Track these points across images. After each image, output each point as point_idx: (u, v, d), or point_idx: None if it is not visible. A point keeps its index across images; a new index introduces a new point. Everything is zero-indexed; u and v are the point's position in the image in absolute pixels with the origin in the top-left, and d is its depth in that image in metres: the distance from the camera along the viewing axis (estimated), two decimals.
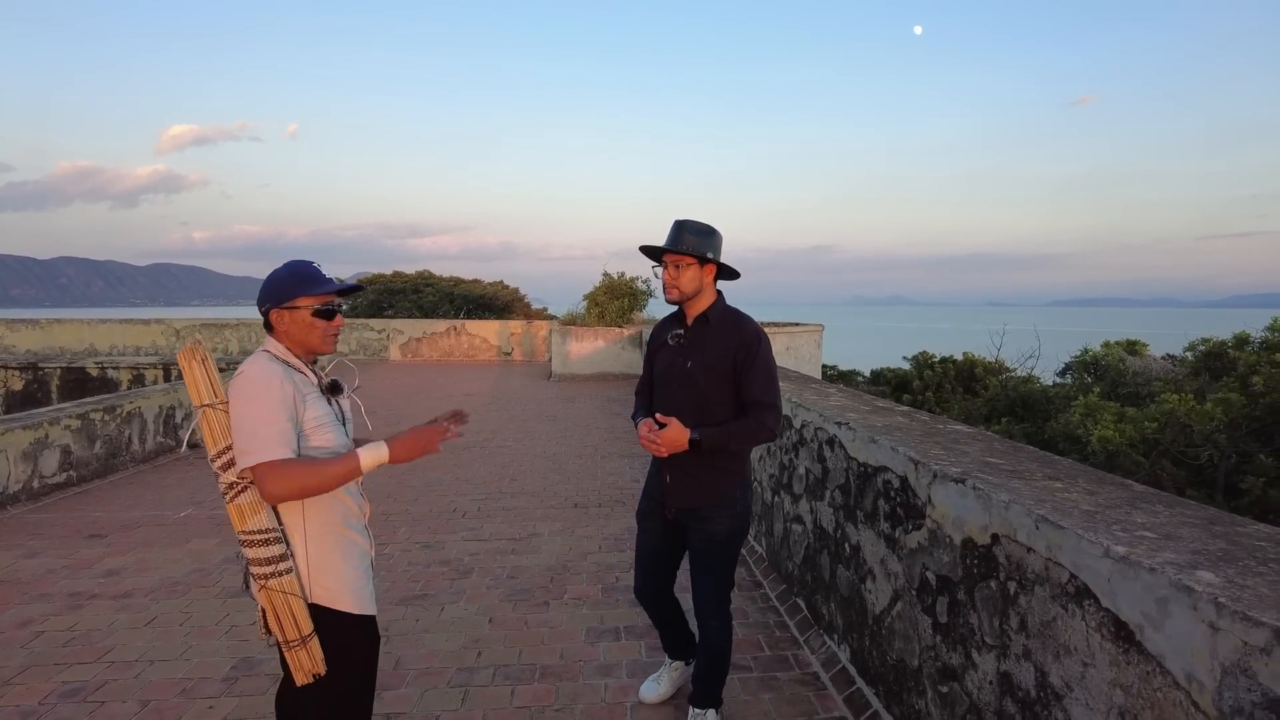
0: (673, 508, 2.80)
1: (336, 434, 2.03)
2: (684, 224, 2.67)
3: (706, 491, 2.72)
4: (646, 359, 2.97)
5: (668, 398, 2.74)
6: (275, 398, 1.89)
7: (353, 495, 2.12)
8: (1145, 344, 21.57)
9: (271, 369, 1.93)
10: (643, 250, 2.78)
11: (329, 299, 2.05)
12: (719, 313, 2.75)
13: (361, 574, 2.09)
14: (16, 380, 18.10)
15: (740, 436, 2.63)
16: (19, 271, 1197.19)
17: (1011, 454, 2.71)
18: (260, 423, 1.86)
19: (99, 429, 7.38)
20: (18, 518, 5.97)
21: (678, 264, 2.66)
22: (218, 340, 19.93)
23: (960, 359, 23.56)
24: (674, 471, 2.75)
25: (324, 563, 2.01)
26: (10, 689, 3.26)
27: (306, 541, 1.99)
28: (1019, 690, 2.04)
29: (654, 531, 2.92)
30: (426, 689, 3.25)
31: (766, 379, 2.65)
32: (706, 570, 2.79)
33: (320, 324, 2.04)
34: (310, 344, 2.05)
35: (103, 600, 4.24)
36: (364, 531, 2.16)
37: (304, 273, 2.04)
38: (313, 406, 1.98)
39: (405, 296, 25.97)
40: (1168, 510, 1.97)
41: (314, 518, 2.00)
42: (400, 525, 5.63)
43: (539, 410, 11.34)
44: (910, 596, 2.71)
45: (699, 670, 2.88)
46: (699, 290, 2.71)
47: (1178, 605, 1.49)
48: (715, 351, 2.67)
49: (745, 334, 2.68)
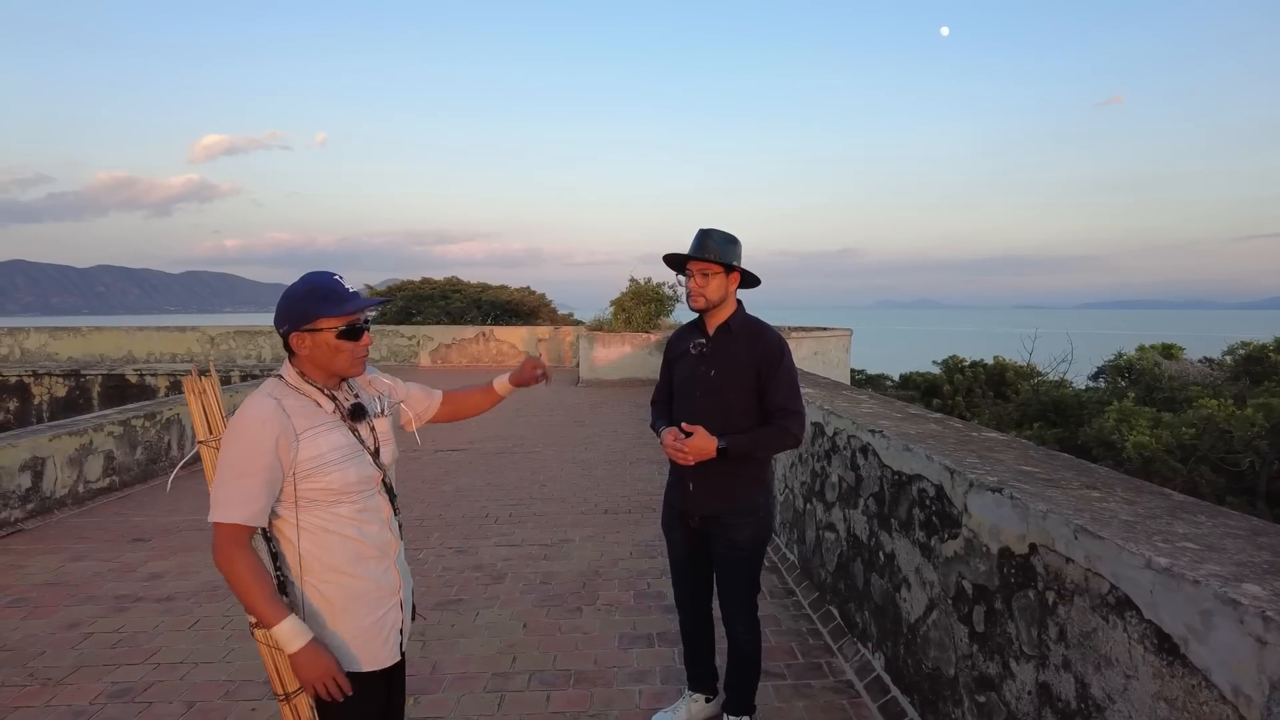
0: (696, 516, 2.80)
1: (353, 468, 1.82)
2: (709, 232, 2.70)
3: (731, 499, 2.73)
4: (664, 367, 2.99)
5: (690, 406, 2.74)
6: (251, 450, 1.71)
7: (368, 536, 1.86)
8: (1181, 347, 21.16)
9: (262, 412, 1.74)
10: (667, 260, 2.79)
11: (354, 317, 1.81)
12: (740, 322, 2.77)
13: (368, 626, 1.85)
14: (60, 387, 18.58)
15: (767, 443, 2.66)
16: (59, 280, 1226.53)
17: (1047, 462, 2.70)
18: (228, 475, 1.72)
19: (140, 435, 7.55)
20: (64, 521, 6.14)
21: (705, 272, 2.67)
22: (250, 347, 20.30)
23: (991, 363, 23.27)
24: (698, 480, 2.74)
25: (319, 612, 1.81)
26: (62, 689, 3.36)
27: (302, 588, 1.81)
28: (1059, 701, 2.03)
29: (680, 540, 2.92)
30: (463, 694, 3.29)
31: (791, 386, 2.69)
32: (733, 577, 2.80)
33: (347, 346, 1.81)
34: (335, 368, 1.83)
35: (147, 603, 4.35)
36: (383, 573, 1.90)
37: (324, 289, 1.79)
38: (316, 444, 1.78)
39: (434, 303, 26.25)
40: (1210, 520, 1.95)
41: (312, 561, 1.81)
42: (433, 530, 5.71)
43: (567, 416, 11.40)
44: (946, 605, 2.70)
45: (731, 678, 2.89)
46: (724, 299, 2.73)
47: (1223, 618, 1.48)
48: (739, 360, 2.69)
49: (769, 343, 2.71)
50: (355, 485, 1.82)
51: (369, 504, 1.87)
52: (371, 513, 1.88)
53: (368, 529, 1.86)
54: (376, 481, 1.90)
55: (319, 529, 1.81)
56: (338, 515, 1.82)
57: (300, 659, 1.73)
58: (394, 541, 1.95)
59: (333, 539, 1.81)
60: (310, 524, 1.80)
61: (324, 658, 1.75)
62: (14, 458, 5.98)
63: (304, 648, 1.73)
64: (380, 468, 1.92)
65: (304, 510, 1.80)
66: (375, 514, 1.88)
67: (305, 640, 1.73)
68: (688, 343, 2.85)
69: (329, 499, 1.80)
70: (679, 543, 2.92)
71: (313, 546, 1.80)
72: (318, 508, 1.80)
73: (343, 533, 1.82)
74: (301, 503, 1.79)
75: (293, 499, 1.79)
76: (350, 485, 1.81)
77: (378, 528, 1.89)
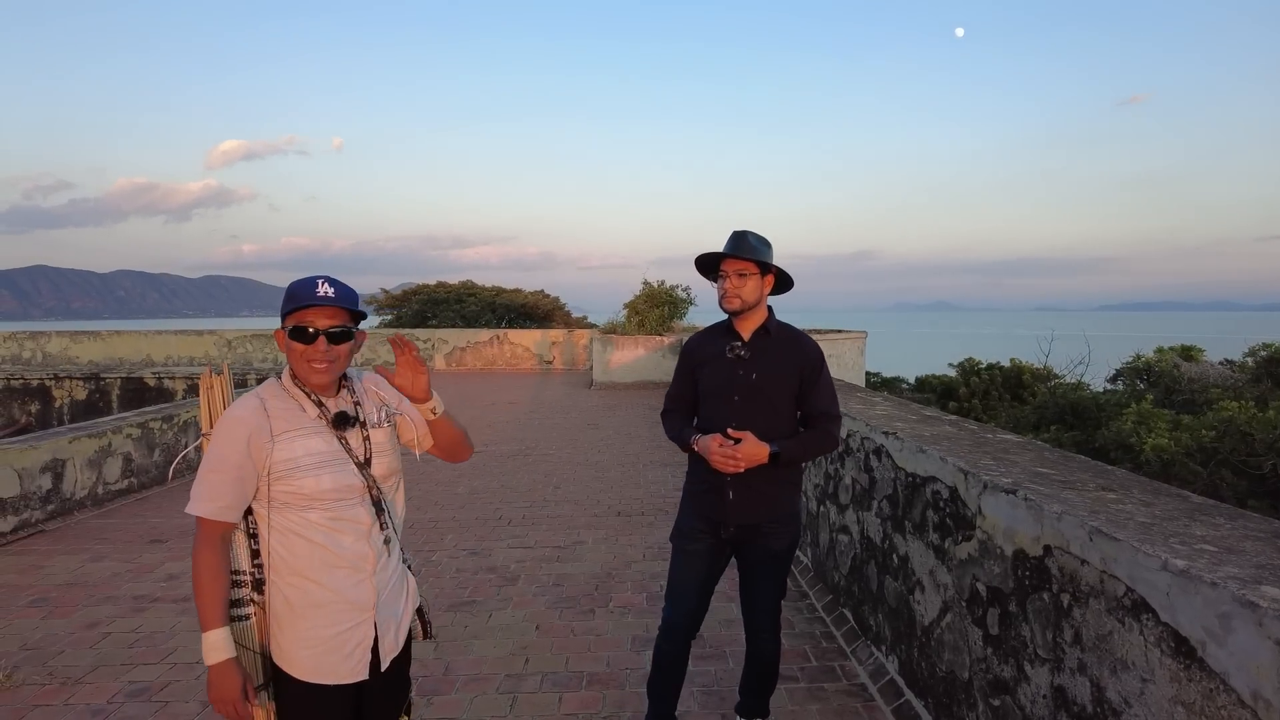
0: (732, 526, 2.64)
1: (328, 476, 1.76)
2: (745, 233, 2.62)
3: (773, 507, 2.65)
4: (685, 372, 2.80)
5: (728, 412, 2.61)
6: (225, 447, 1.72)
7: (341, 546, 1.79)
8: (1201, 349, 20.89)
9: (240, 410, 1.75)
10: (700, 261, 2.68)
11: (299, 316, 1.72)
12: (777, 326, 2.71)
13: (328, 638, 1.78)
14: (80, 390, 18.80)
15: (814, 447, 2.63)
16: (80, 285, 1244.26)
17: (1063, 464, 2.67)
18: (204, 470, 1.73)
19: (157, 437, 7.63)
20: (83, 523, 6.21)
21: (742, 272, 2.58)
22: (267, 350, 20.47)
23: (1007, 365, 23.08)
24: (740, 488, 2.59)
25: (280, 615, 1.79)
26: (81, 688, 3.40)
27: (269, 586, 1.79)
28: (1074, 705, 2.01)
29: (701, 554, 2.70)
30: (475, 695, 3.30)
31: (831, 392, 2.68)
32: (768, 586, 2.74)
33: (297, 348, 1.74)
34: (298, 371, 1.78)
35: (164, 604, 4.39)
36: (353, 586, 1.80)
37: (294, 289, 1.74)
38: (292, 447, 1.74)
39: (449, 306, 26.37)
40: (1229, 523, 1.93)
41: (279, 562, 1.78)
42: (447, 532, 5.72)
43: (581, 419, 11.41)
44: (960, 608, 2.68)
45: (749, 684, 2.87)
46: (759, 301, 2.65)
47: (1242, 622, 1.46)
48: (782, 365, 2.64)
49: (810, 349, 2.68)
50: (330, 493, 1.77)
51: (345, 514, 1.80)
52: (347, 523, 1.80)
53: (341, 539, 1.79)
54: (358, 491, 1.81)
55: (288, 531, 1.78)
56: (308, 520, 1.77)
57: (212, 674, 1.71)
58: (372, 555, 1.83)
59: (300, 543, 1.77)
60: (281, 525, 1.78)
61: (233, 680, 1.72)
62: (35, 459, 6.06)
63: (219, 664, 1.71)
64: (366, 478, 1.83)
65: (275, 511, 1.78)
66: (352, 525, 1.80)
67: (221, 658, 1.71)
68: (718, 346, 2.70)
69: (300, 503, 1.76)
70: (700, 556, 2.70)
71: (281, 548, 1.78)
72: (290, 510, 1.77)
73: (311, 539, 1.77)
74: (274, 504, 1.77)
75: (266, 498, 1.77)
76: (323, 492, 1.76)
77: (353, 539, 1.80)
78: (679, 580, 2.74)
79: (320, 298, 1.71)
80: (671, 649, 2.73)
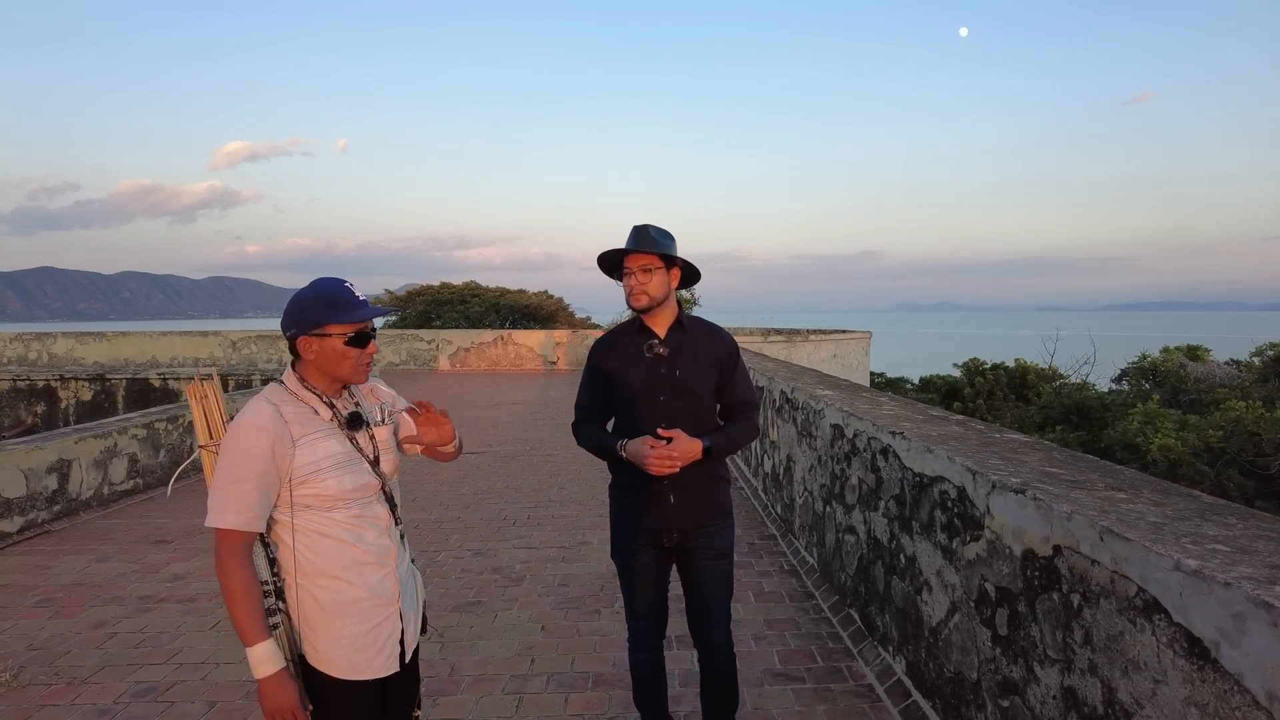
0: (675, 531, 2.56)
1: (349, 476, 1.82)
2: (646, 227, 2.56)
3: (714, 504, 2.61)
4: (598, 377, 2.66)
5: (655, 412, 2.52)
6: (247, 456, 1.73)
7: (365, 542, 1.86)
8: (1207, 349, 20.83)
9: (259, 418, 1.76)
10: (602, 259, 2.61)
11: (363, 325, 1.83)
12: (690, 320, 2.66)
13: (362, 634, 1.84)
14: (86, 391, 18.87)
15: (741, 438, 2.61)
16: (86, 286, 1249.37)
17: (1071, 463, 2.66)
18: (224, 481, 1.73)
19: (163, 438, 7.65)
20: (89, 523, 6.22)
21: (646, 267, 2.50)
22: (272, 351, 20.52)
23: (1012, 365, 23.04)
24: (679, 491, 2.52)
25: (313, 617, 1.81)
26: (87, 688, 3.40)
27: (297, 591, 1.82)
28: (1085, 706, 2.00)
29: (649, 566, 2.62)
30: (481, 695, 3.30)
31: (749, 380, 2.69)
32: (717, 587, 2.64)
33: (353, 353, 1.83)
34: (340, 374, 1.85)
35: (170, 604, 4.39)
36: (380, 581, 1.88)
37: (334, 296, 1.81)
38: (313, 450, 1.79)
39: (453, 307, 26.39)
40: (1241, 523, 1.91)
41: (307, 565, 1.81)
42: (452, 532, 5.72)
43: None
44: (968, 608, 2.67)
45: (715, 698, 2.73)
46: (667, 296, 2.57)
47: (1256, 622, 1.44)
48: (704, 359, 2.59)
49: (727, 340, 2.67)
50: (351, 492, 1.83)
51: (366, 511, 1.87)
52: (369, 520, 1.87)
53: (365, 535, 1.86)
54: (374, 489, 1.90)
55: (315, 533, 1.81)
56: (333, 520, 1.82)
57: (265, 686, 1.73)
58: (393, 549, 1.92)
59: (328, 543, 1.82)
60: (306, 527, 1.81)
61: (289, 689, 1.75)
62: (41, 460, 6.07)
63: (271, 675, 1.73)
64: (379, 476, 1.91)
65: (299, 514, 1.81)
66: (373, 521, 1.88)
67: (274, 669, 1.73)
68: (634, 346, 2.60)
69: (324, 504, 1.81)
70: (648, 569, 2.62)
71: (308, 551, 1.81)
72: (314, 512, 1.81)
73: (338, 538, 1.82)
74: (297, 507, 1.80)
75: (289, 503, 1.80)
76: (346, 492, 1.82)
77: (375, 534, 1.88)
78: (634, 596, 2.68)
79: (368, 307, 1.85)
80: (648, 657, 2.71)
